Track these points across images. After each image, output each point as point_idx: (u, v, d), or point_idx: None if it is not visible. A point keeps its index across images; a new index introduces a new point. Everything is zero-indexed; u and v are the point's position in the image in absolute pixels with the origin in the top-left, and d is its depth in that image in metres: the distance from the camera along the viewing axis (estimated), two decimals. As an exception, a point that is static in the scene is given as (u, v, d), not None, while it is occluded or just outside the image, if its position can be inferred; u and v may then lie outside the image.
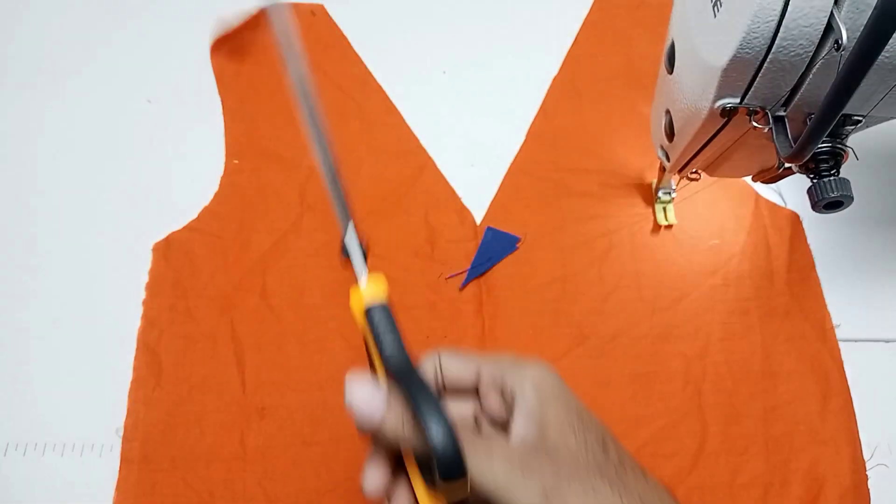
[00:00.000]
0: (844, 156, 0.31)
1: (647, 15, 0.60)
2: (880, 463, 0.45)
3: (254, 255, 0.51)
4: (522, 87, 0.57)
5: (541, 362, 0.30)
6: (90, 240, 0.52)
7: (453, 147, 0.55)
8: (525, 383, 0.29)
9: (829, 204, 0.32)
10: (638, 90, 0.57)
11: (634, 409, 0.46)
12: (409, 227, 0.52)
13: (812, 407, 0.46)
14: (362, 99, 0.57)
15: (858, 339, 0.49)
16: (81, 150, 0.56)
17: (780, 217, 0.52)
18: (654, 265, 0.51)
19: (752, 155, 0.37)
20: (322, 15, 0.60)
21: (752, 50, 0.27)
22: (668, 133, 0.39)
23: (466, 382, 0.30)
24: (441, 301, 0.49)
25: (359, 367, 0.29)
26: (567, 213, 0.52)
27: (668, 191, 0.51)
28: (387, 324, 0.27)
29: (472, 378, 0.30)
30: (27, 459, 0.45)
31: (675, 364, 0.48)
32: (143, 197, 0.54)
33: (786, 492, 0.44)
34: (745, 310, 0.49)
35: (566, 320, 0.49)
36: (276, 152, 0.55)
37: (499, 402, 0.29)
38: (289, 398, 0.47)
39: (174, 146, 0.56)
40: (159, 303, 0.49)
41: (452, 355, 0.30)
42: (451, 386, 0.30)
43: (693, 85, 0.33)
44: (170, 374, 0.47)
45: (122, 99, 0.58)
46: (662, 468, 0.45)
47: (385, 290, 0.27)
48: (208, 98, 0.57)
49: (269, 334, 0.48)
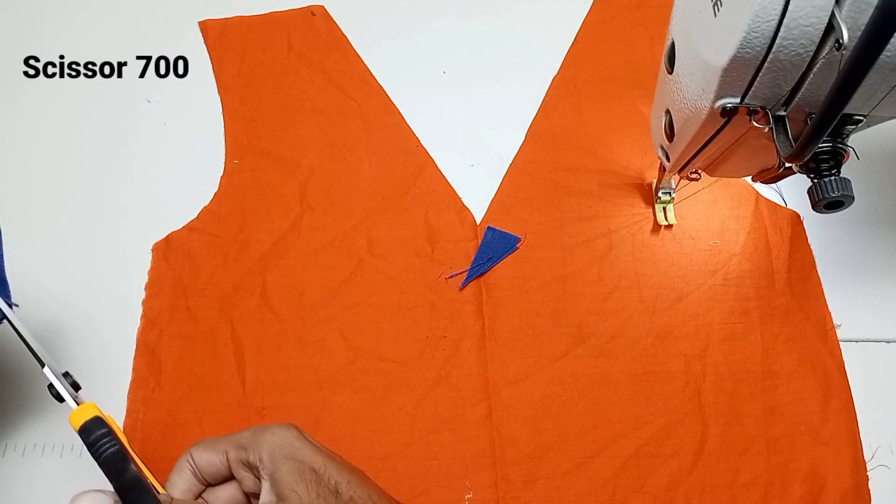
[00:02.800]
0: (845, 155, 0.31)
1: (647, 15, 0.60)
2: (881, 464, 0.45)
3: (254, 255, 0.51)
4: (522, 87, 0.57)
5: (281, 425, 0.32)
6: (90, 239, 0.52)
7: (453, 147, 0.55)
8: (262, 451, 0.31)
9: (829, 204, 0.32)
10: (638, 90, 0.57)
11: (634, 409, 0.46)
12: (409, 227, 0.52)
13: (813, 407, 0.46)
14: (362, 99, 0.57)
15: (859, 339, 0.49)
16: (81, 150, 0.56)
17: (780, 217, 0.52)
18: (654, 265, 0.51)
19: (752, 155, 0.37)
20: (322, 15, 0.60)
21: (752, 49, 0.27)
22: (668, 133, 0.39)
23: (222, 470, 0.33)
24: (441, 301, 0.49)
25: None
26: (567, 212, 0.52)
27: (668, 191, 0.51)
28: (100, 435, 0.29)
29: (224, 464, 0.32)
30: (26, 460, 0.45)
31: (675, 364, 0.48)
32: (142, 197, 0.54)
33: (786, 492, 0.44)
34: (745, 310, 0.49)
35: (566, 320, 0.49)
36: (276, 152, 0.55)
37: (251, 478, 0.32)
38: (289, 398, 0.47)
39: (174, 146, 0.56)
40: (159, 303, 0.49)
41: (201, 447, 0.33)
42: (212, 477, 0.33)
43: (693, 85, 0.33)
44: (170, 374, 0.47)
45: (122, 99, 0.58)
46: (662, 468, 0.45)
47: (95, 409, 0.30)
48: (208, 98, 0.57)
49: (269, 334, 0.48)
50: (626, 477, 0.45)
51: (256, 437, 0.32)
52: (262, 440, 0.32)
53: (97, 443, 0.29)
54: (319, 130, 0.55)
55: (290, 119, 0.56)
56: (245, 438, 0.32)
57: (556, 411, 0.46)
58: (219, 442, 0.33)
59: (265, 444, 0.31)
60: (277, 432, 0.32)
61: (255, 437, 0.32)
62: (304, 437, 0.33)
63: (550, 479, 0.45)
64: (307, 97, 0.57)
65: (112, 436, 0.29)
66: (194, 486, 0.33)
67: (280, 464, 0.31)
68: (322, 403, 0.47)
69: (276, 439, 0.32)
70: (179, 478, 0.32)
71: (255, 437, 0.32)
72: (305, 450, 0.32)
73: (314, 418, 0.46)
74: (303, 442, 0.32)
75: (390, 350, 0.48)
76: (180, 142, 0.56)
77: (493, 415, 0.46)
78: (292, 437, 0.32)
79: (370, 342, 0.48)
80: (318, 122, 0.56)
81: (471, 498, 0.44)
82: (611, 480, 0.44)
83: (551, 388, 0.47)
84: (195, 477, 0.33)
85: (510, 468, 0.45)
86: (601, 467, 0.45)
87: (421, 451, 0.45)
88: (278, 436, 0.32)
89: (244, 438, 0.32)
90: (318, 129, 0.55)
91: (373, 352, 0.48)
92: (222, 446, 0.33)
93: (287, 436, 0.32)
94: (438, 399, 0.47)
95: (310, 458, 0.31)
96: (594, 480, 0.45)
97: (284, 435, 0.32)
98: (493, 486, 0.44)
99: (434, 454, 0.45)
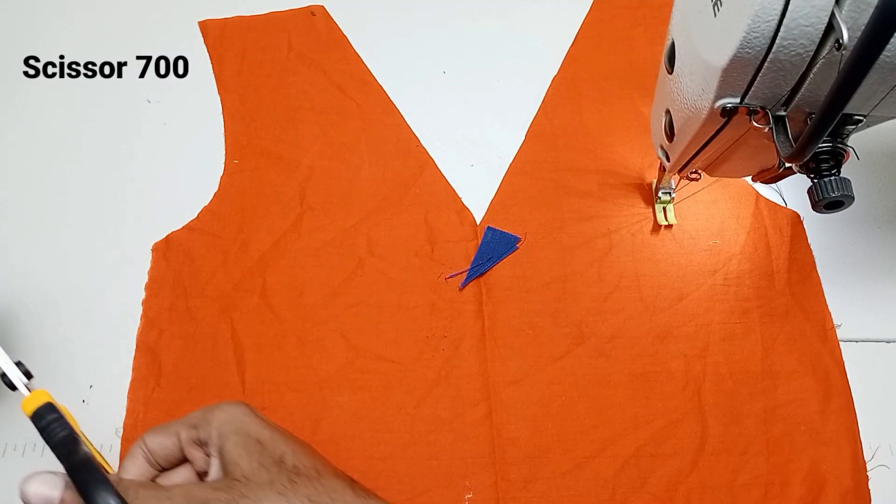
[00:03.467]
0: (845, 155, 0.31)
1: (647, 15, 0.60)
2: (881, 464, 0.45)
3: (254, 255, 0.51)
4: (522, 87, 0.57)
5: (230, 402, 0.33)
6: (90, 239, 0.52)
7: (453, 147, 0.55)
8: (211, 429, 0.32)
9: (829, 204, 0.32)
10: (638, 90, 0.57)
11: (634, 409, 0.46)
12: (409, 227, 0.52)
13: (813, 407, 0.46)
14: (362, 99, 0.57)
15: (859, 339, 0.49)
16: (81, 150, 0.56)
17: (780, 217, 0.52)
18: (654, 265, 0.51)
19: (752, 155, 0.37)
20: (322, 15, 0.60)
21: (752, 49, 0.27)
22: (668, 133, 0.39)
23: (175, 452, 0.33)
24: (441, 301, 0.49)
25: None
26: (567, 212, 0.52)
27: (668, 191, 0.51)
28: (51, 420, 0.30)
29: (176, 445, 0.33)
30: (26, 460, 0.45)
31: (675, 364, 0.48)
32: (142, 197, 0.54)
33: (786, 492, 0.44)
34: (745, 310, 0.49)
35: (566, 320, 0.49)
36: (276, 152, 0.55)
37: (202, 457, 0.33)
38: (289, 398, 0.47)
39: (174, 146, 0.56)
40: (159, 303, 0.49)
41: (153, 432, 0.33)
42: (165, 461, 0.33)
43: (693, 85, 0.33)
44: (170, 374, 0.47)
45: (122, 99, 0.58)
46: (662, 468, 0.45)
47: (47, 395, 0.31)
48: (208, 98, 0.57)
49: (269, 334, 0.48)
50: (626, 477, 0.45)
51: (206, 414, 0.33)
52: (212, 417, 0.32)
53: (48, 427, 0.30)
54: (319, 130, 0.55)
55: (290, 119, 0.56)
56: (196, 417, 0.33)
57: (556, 411, 0.46)
58: (171, 425, 0.34)
59: (214, 421, 0.32)
60: (226, 409, 0.33)
61: (205, 415, 0.33)
62: (252, 412, 0.33)
63: (550, 479, 0.45)
64: (307, 97, 0.57)
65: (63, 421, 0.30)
66: (147, 472, 0.33)
67: (227, 439, 0.31)
68: (322, 403, 0.47)
69: (224, 415, 0.32)
70: (132, 463, 0.33)
71: (205, 415, 0.33)
72: (253, 424, 0.32)
73: (314, 418, 0.46)
74: (251, 417, 0.33)
75: (390, 350, 0.48)
76: (180, 142, 0.56)
77: (493, 415, 0.46)
78: (241, 412, 0.33)
79: (370, 342, 0.48)
80: (318, 122, 0.56)
81: (471, 498, 0.44)
82: (611, 480, 0.44)
83: (551, 388, 0.47)
84: (148, 462, 0.33)
85: (510, 468, 0.45)
86: (601, 467, 0.45)
87: (421, 451, 0.45)
88: (227, 412, 0.33)
89: (195, 417, 0.33)
90: (318, 129, 0.55)
91: (373, 352, 0.48)
92: (174, 428, 0.33)
93: (235, 412, 0.33)
94: (438, 399, 0.47)
95: (256, 431, 0.32)
96: (594, 480, 0.45)
97: (233, 411, 0.33)
98: (493, 486, 0.44)
99: (434, 454, 0.45)
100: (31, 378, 0.32)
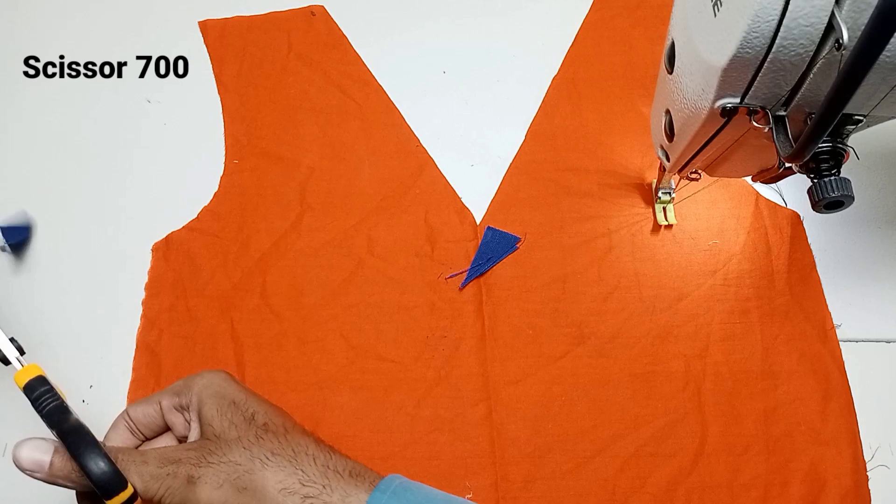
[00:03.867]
0: (845, 155, 0.31)
1: (647, 15, 0.60)
2: (881, 464, 0.45)
3: (254, 255, 0.51)
4: (522, 87, 0.57)
5: (210, 370, 0.35)
6: (90, 239, 0.52)
7: (453, 147, 0.55)
8: (192, 395, 0.34)
9: (829, 204, 0.32)
10: (638, 90, 0.57)
11: (634, 409, 0.46)
12: (409, 227, 0.52)
13: (813, 407, 0.46)
14: (362, 99, 0.57)
15: (859, 339, 0.49)
16: (81, 150, 0.56)
17: (780, 217, 0.52)
18: (654, 265, 0.51)
19: (752, 155, 0.37)
20: (322, 15, 0.60)
21: (752, 49, 0.27)
22: (668, 133, 0.39)
23: (157, 419, 0.35)
24: (441, 301, 0.49)
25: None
26: (567, 213, 0.52)
27: (668, 191, 0.51)
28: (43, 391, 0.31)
29: (158, 413, 0.35)
30: (27, 459, 0.45)
31: (675, 364, 0.48)
32: (142, 197, 0.54)
33: (786, 492, 0.44)
34: (745, 310, 0.49)
35: (566, 320, 0.49)
36: (276, 152, 0.55)
37: (182, 422, 0.35)
38: (289, 398, 0.47)
39: (174, 146, 0.56)
40: (159, 303, 0.49)
41: (136, 404, 0.35)
42: (148, 430, 0.35)
43: (693, 85, 0.33)
44: (170, 374, 0.47)
45: (122, 99, 0.58)
46: (662, 468, 0.45)
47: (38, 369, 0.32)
48: (208, 98, 0.57)
49: (269, 334, 0.48)
50: (626, 477, 0.45)
51: (188, 381, 0.35)
52: (193, 383, 0.34)
53: (41, 398, 0.31)
54: (319, 130, 0.55)
55: (290, 119, 0.56)
56: (178, 385, 0.35)
57: (556, 411, 0.46)
58: (153, 396, 0.36)
59: (195, 387, 0.34)
60: (206, 375, 0.35)
61: (186, 382, 0.35)
62: (231, 378, 0.35)
63: (550, 479, 0.45)
64: (307, 97, 0.57)
65: (55, 392, 0.31)
66: (130, 441, 0.35)
67: (204, 402, 0.33)
68: (322, 403, 0.47)
69: (204, 381, 0.34)
70: (115, 434, 0.35)
71: (187, 382, 0.35)
72: (230, 388, 0.34)
73: (314, 418, 0.46)
74: (229, 382, 0.35)
75: (390, 350, 0.48)
76: (180, 142, 0.56)
77: (493, 415, 0.46)
78: (220, 378, 0.35)
79: (370, 342, 0.48)
80: (318, 122, 0.56)
81: (471, 498, 0.44)
82: (611, 480, 0.45)
83: (551, 388, 0.47)
84: (131, 432, 0.35)
85: (510, 468, 0.45)
86: (601, 467, 0.45)
87: (421, 451, 0.45)
88: (206, 378, 0.35)
89: (177, 386, 0.35)
90: (318, 129, 0.55)
91: (373, 352, 0.48)
92: (156, 398, 0.35)
93: (215, 378, 0.35)
94: (438, 399, 0.47)
95: (232, 394, 0.34)
96: (594, 480, 0.45)
97: (212, 377, 0.35)
98: (493, 486, 0.44)
99: (434, 454, 0.45)
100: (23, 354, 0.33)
